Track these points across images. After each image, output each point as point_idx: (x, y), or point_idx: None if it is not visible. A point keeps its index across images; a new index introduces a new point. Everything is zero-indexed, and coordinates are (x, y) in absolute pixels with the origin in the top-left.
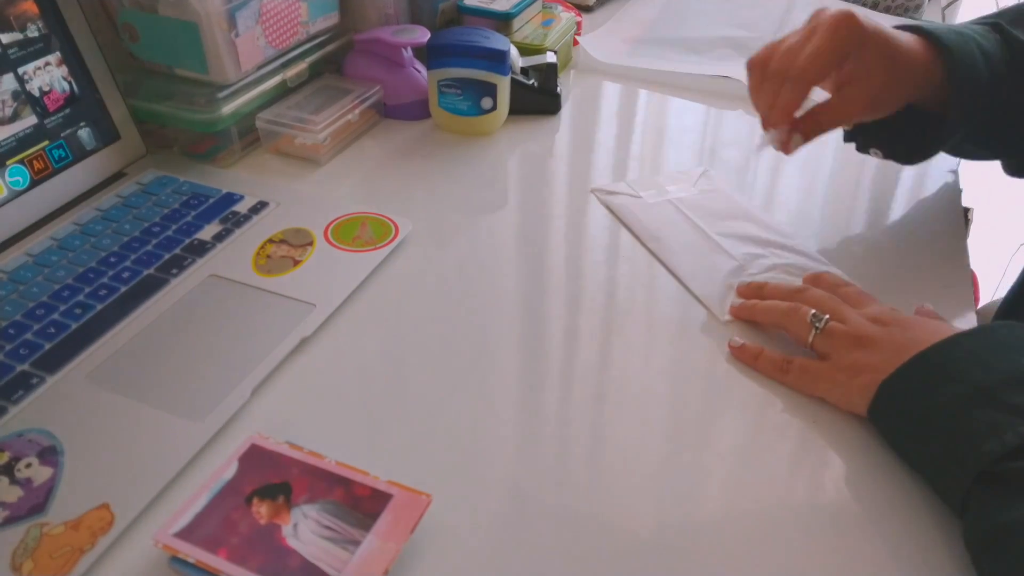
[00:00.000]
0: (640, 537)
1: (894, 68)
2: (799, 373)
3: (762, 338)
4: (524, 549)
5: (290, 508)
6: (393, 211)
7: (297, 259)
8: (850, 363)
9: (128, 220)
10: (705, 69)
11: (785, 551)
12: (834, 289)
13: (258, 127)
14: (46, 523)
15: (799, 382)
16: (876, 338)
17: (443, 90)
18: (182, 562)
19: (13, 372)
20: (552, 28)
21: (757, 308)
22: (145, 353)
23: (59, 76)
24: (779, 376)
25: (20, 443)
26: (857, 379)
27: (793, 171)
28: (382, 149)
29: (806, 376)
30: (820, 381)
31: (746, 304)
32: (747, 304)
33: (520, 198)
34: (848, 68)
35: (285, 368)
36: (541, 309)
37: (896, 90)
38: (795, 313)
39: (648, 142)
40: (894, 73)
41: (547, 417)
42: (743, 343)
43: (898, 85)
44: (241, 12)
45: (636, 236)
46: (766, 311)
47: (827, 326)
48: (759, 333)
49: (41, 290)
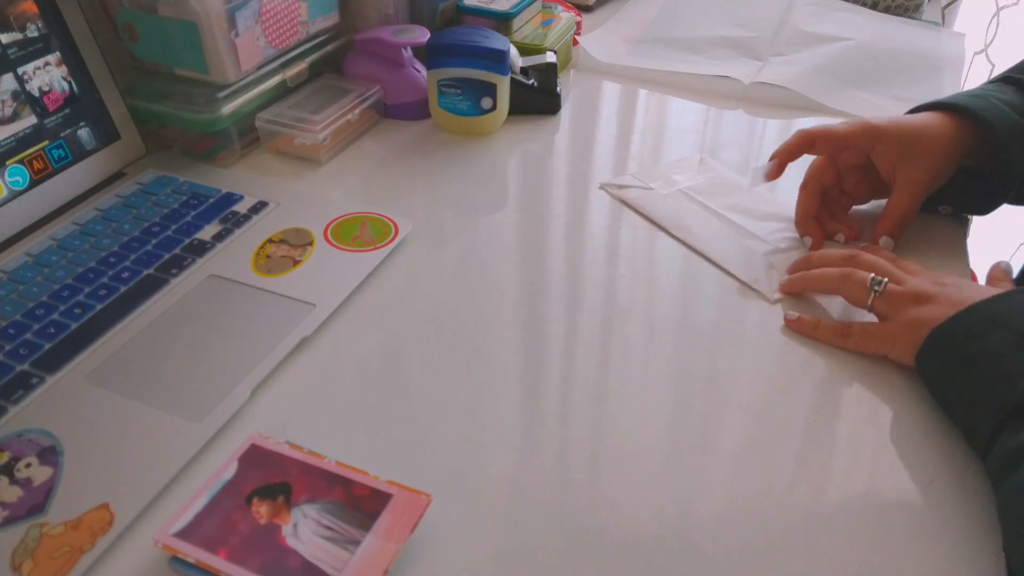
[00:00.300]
0: (641, 538)
1: (925, 152)
2: (861, 335)
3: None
4: (524, 549)
5: (290, 508)
6: (393, 211)
7: (297, 259)
8: (911, 319)
9: (128, 220)
10: (705, 69)
11: (787, 552)
12: (886, 258)
13: (258, 127)
14: (46, 523)
15: (862, 344)
16: (934, 294)
17: (443, 90)
18: (182, 562)
19: (13, 372)
20: (552, 28)
21: (809, 278)
22: (145, 353)
23: (59, 76)
24: (840, 341)
25: (20, 443)
26: (919, 333)
27: (793, 171)
28: (382, 149)
29: (868, 337)
30: (883, 340)
31: (794, 278)
32: (795, 277)
33: (520, 198)
34: (884, 171)
35: (285, 368)
36: (541, 309)
37: (939, 167)
38: (852, 277)
39: (648, 142)
40: (928, 157)
41: (547, 417)
42: (799, 315)
43: (941, 162)
44: (241, 12)
45: (662, 227)
46: (819, 279)
47: (886, 288)
48: (800, 306)
49: (41, 290)
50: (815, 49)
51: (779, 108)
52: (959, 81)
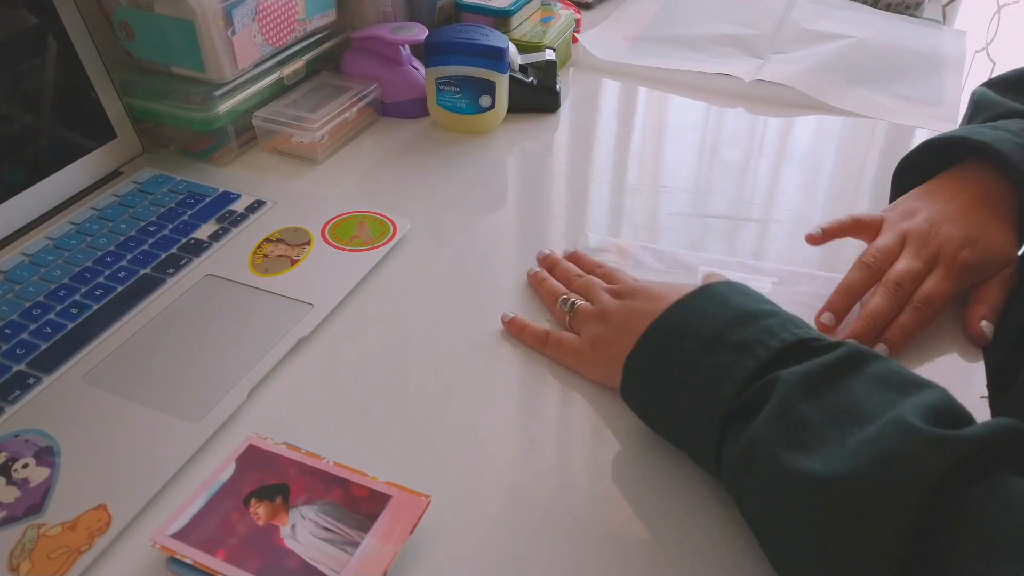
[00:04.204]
0: (641, 538)
1: (1000, 244)
2: (555, 345)
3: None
4: (524, 551)
5: (288, 509)
6: (391, 210)
7: (294, 258)
8: (592, 337)
9: (124, 219)
10: (705, 67)
11: None
12: (592, 269)
13: (255, 125)
14: (43, 524)
15: (555, 354)
16: (611, 311)
17: (441, 88)
18: (180, 563)
19: (9, 372)
20: (551, 25)
21: (543, 286)
22: (142, 353)
23: (55, 74)
24: (539, 347)
25: (17, 443)
26: (600, 353)
27: (794, 171)
28: (380, 147)
29: (560, 349)
30: (570, 355)
31: (537, 275)
32: (538, 276)
33: (519, 197)
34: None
35: (283, 368)
36: (540, 308)
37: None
38: (550, 297)
39: (648, 140)
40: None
41: (547, 417)
42: (513, 316)
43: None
44: (237, 9)
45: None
46: (544, 292)
47: (576, 308)
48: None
49: (37, 290)
50: (816, 47)
51: (780, 106)
52: (960, 79)
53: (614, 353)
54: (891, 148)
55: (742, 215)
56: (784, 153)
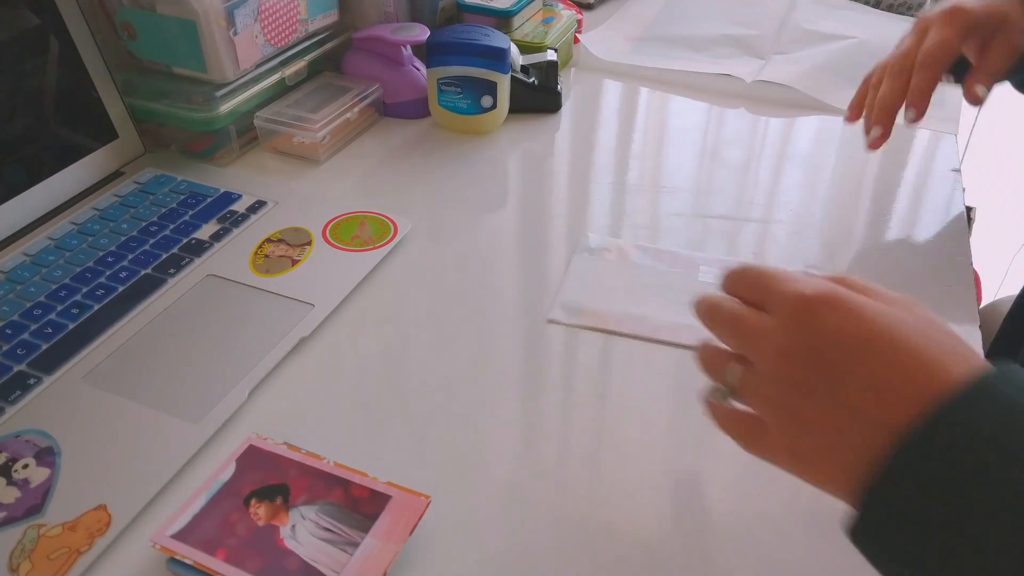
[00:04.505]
0: (641, 538)
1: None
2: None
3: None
4: (524, 551)
5: (288, 509)
6: (392, 210)
7: (295, 259)
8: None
9: (126, 219)
10: (707, 67)
11: (789, 554)
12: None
13: (256, 125)
14: (43, 524)
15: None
16: (798, 409)
17: (443, 88)
18: (180, 564)
19: (10, 372)
20: (553, 26)
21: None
22: (142, 353)
23: (57, 75)
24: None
25: (17, 444)
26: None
27: (795, 171)
28: (381, 148)
29: (745, 431)
30: (762, 442)
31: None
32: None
33: (520, 197)
34: (976, 41)
35: (283, 369)
36: (541, 308)
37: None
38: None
39: (649, 140)
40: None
41: (547, 417)
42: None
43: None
44: (240, 10)
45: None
46: (701, 358)
47: (738, 388)
48: None
49: (38, 290)
50: (817, 47)
51: (781, 107)
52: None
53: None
54: (891, 149)
55: (743, 215)
56: (785, 154)
